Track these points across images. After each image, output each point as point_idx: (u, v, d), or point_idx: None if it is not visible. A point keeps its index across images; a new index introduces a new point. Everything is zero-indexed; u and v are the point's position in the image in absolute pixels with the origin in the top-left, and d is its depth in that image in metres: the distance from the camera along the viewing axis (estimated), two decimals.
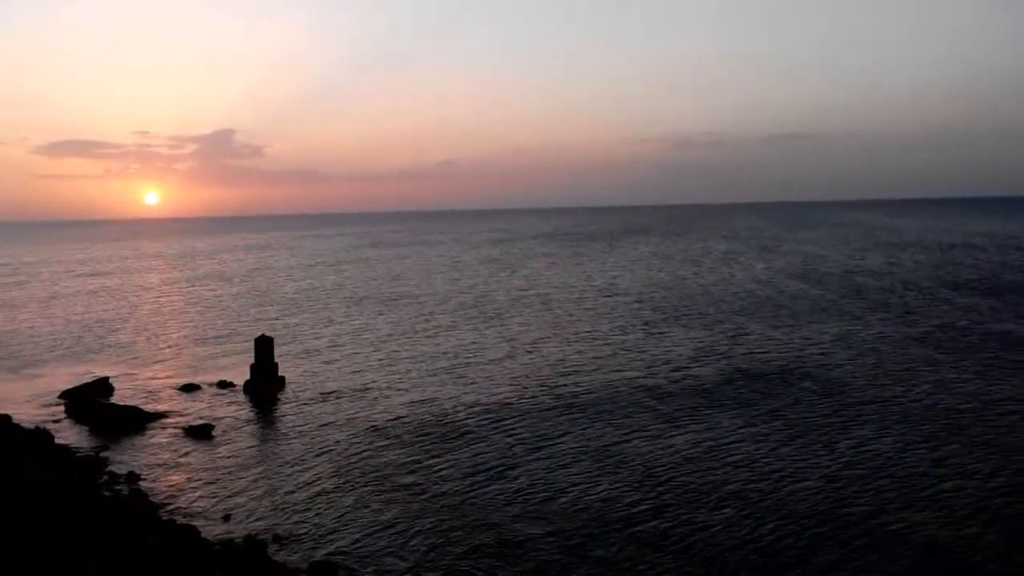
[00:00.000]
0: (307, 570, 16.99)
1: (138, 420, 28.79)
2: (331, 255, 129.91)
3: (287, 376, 35.03)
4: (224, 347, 44.68)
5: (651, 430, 26.58)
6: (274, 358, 34.41)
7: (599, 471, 22.80)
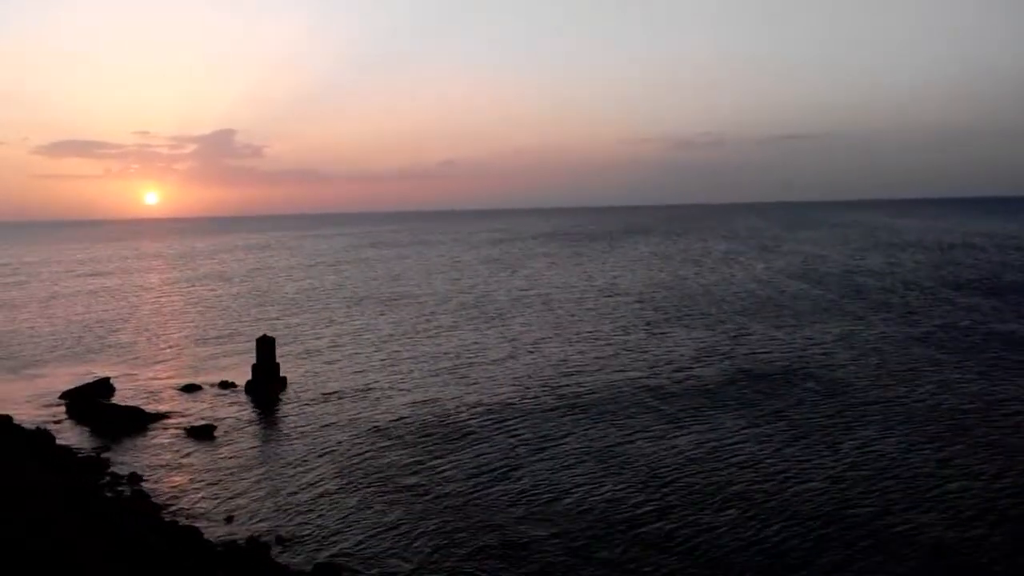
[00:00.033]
0: (310, 572, 16.91)
1: (139, 421, 28.71)
2: (331, 255, 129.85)
3: (288, 376, 34.94)
4: (225, 347, 44.60)
5: (654, 431, 26.51)
6: (275, 358, 34.32)
7: (603, 472, 22.73)
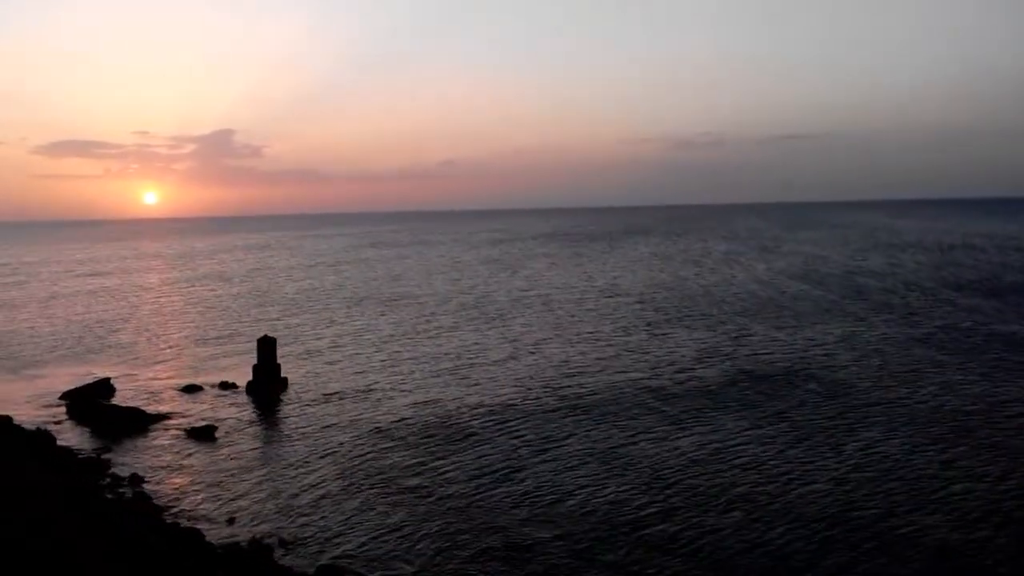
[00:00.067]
0: (313, 574, 16.82)
1: (140, 421, 28.61)
2: (331, 255, 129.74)
3: (290, 377, 34.84)
4: (225, 347, 44.50)
5: (657, 432, 26.43)
6: (277, 359, 34.23)
7: (606, 473, 22.65)
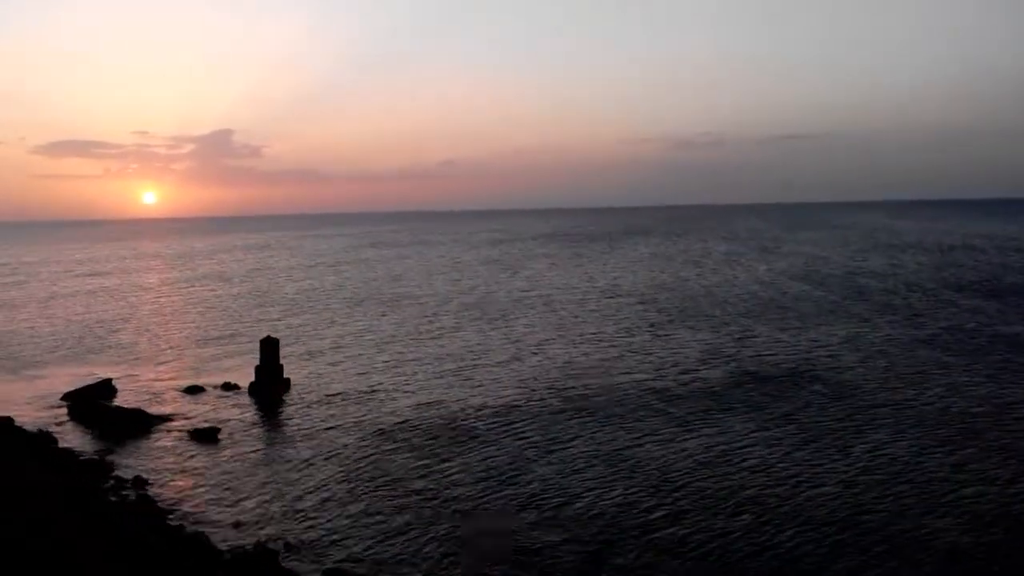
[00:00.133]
0: None
1: (142, 423, 28.42)
2: (331, 255, 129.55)
3: (292, 378, 34.64)
4: (226, 348, 44.31)
5: (663, 434, 26.27)
6: (279, 360, 34.05)
7: (613, 476, 22.48)
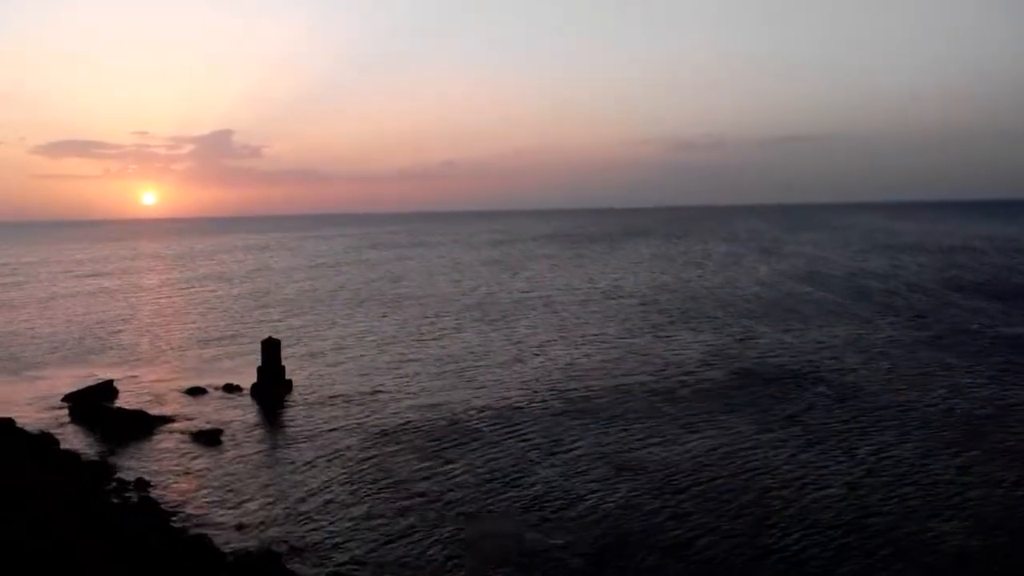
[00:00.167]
0: None
1: (144, 424, 28.31)
2: (332, 256, 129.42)
3: (294, 379, 34.54)
4: (228, 349, 44.20)
5: (666, 435, 26.18)
6: (281, 361, 33.95)
7: (616, 477, 22.40)
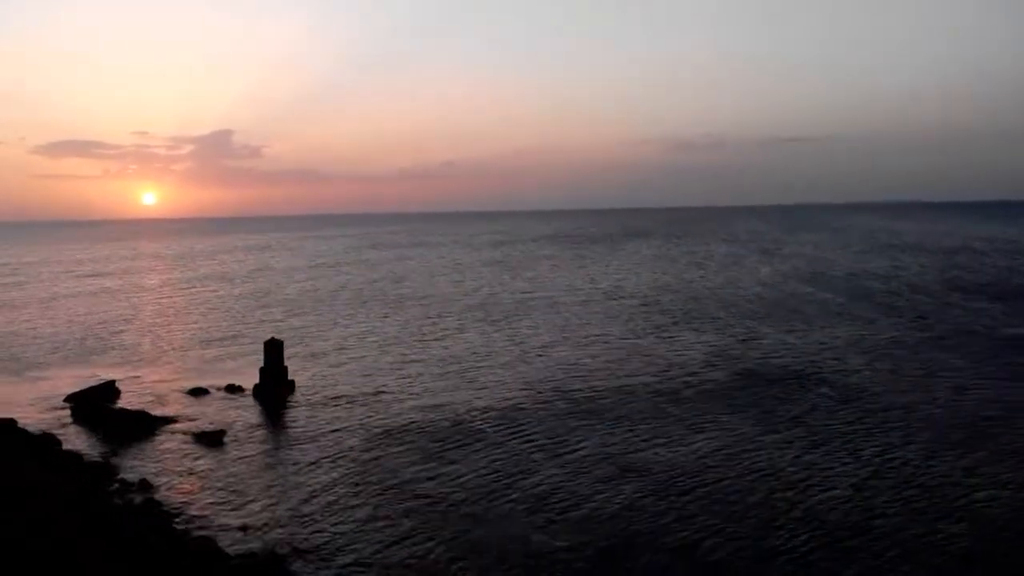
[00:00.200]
0: None
1: (147, 425, 28.22)
2: (332, 256, 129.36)
3: (296, 380, 34.45)
4: (230, 349, 44.11)
5: (671, 436, 26.09)
6: (284, 361, 33.87)
7: (621, 478, 22.31)
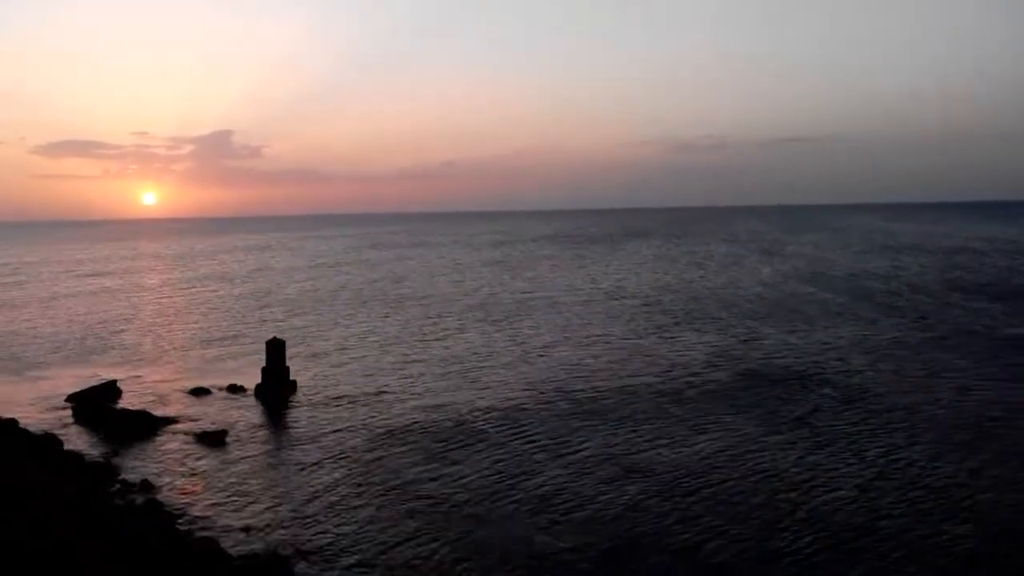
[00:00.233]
0: None
1: (148, 425, 28.14)
2: (333, 256, 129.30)
3: (298, 380, 34.37)
4: (231, 349, 44.05)
5: (674, 437, 26.02)
6: (286, 361, 33.80)
7: (625, 479, 22.24)
